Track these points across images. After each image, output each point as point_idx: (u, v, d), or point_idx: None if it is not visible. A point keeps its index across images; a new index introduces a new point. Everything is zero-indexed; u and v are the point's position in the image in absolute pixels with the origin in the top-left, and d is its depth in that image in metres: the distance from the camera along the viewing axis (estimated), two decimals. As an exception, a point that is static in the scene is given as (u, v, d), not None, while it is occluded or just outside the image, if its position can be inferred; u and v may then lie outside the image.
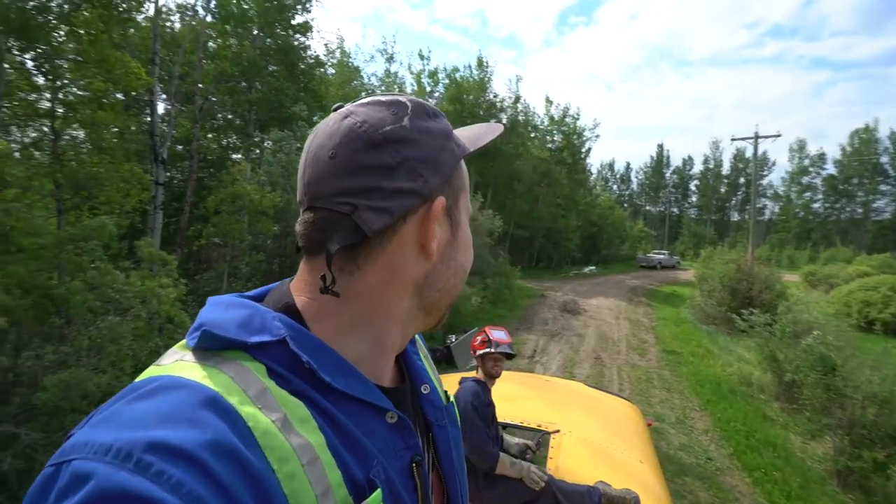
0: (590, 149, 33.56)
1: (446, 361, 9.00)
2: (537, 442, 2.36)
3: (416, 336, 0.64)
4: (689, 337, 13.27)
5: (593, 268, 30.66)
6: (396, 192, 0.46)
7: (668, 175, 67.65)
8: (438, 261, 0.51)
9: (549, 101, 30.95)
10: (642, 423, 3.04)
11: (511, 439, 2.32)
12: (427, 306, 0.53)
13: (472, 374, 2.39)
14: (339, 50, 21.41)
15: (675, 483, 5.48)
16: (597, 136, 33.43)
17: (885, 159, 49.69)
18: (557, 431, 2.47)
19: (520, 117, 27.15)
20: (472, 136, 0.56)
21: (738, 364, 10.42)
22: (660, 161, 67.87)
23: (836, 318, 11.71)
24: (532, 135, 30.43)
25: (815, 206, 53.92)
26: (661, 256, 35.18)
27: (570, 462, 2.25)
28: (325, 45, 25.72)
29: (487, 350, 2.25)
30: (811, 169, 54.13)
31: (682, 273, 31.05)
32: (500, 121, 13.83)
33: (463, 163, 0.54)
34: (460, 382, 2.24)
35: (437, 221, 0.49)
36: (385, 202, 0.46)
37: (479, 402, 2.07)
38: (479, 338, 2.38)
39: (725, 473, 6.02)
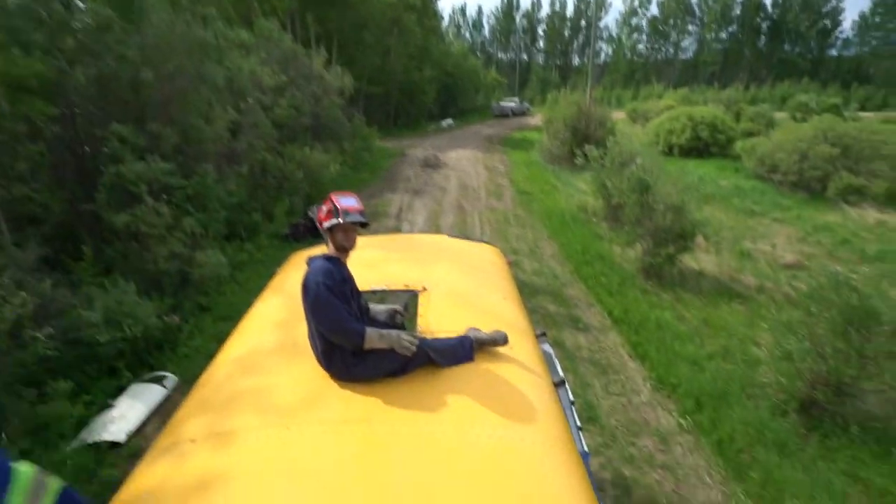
0: (439, -12, 30.67)
1: (310, 234, 8.64)
2: (405, 304, 2.33)
3: None
4: (538, 177, 14.63)
5: (451, 121, 30.74)
6: None
7: (518, 20, 67.10)
8: None
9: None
10: (503, 263, 3.26)
11: (378, 307, 2.23)
12: None
13: (322, 249, 2.14)
14: None
15: (531, 302, 6.43)
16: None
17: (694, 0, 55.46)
18: (424, 290, 2.48)
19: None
20: None
21: (578, 196, 11.97)
22: (510, 4, 66.34)
23: (649, 146, 13.88)
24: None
25: (640, 47, 59.79)
26: (513, 104, 36.60)
27: (440, 316, 2.30)
28: None
29: (335, 221, 1.96)
30: (639, 10, 58.42)
31: (532, 119, 33.02)
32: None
33: None
34: (309, 263, 1.98)
35: None
36: None
37: (332, 282, 1.87)
38: (324, 208, 2.03)
39: (568, 286, 7.24)
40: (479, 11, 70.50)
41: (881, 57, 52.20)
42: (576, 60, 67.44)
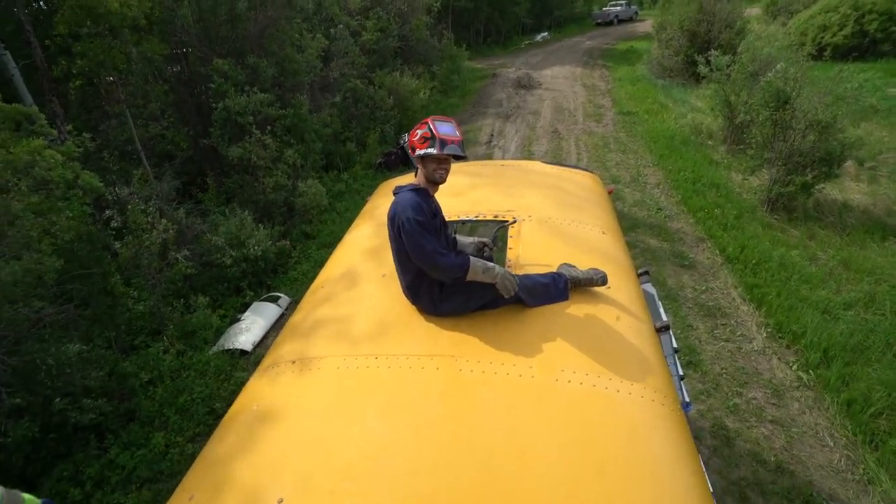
0: None
1: (403, 162, 8.71)
2: (493, 237, 2.21)
3: None
4: (644, 95, 12.99)
5: (546, 34, 27.94)
6: None
7: None
8: None
9: None
10: (603, 192, 2.97)
11: (465, 240, 2.13)
12: None
13: (410, 178, 2.04)
14: None
15: (629, 236, 5.97)
16: None
17: None
18: (515, 221, 2.34)
19: None
20: None
21: (691, 114, 10.47)
22: None
23: (790, 49, 11.38)
24: None
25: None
26: (618, 8, 31.96)
27: (531, 249, 2.17)
28: None
29: (430, 151, 1.77)
30: None
31: (640, 25, 28.81)
32: None
33: None
34: (395, 193, 1.88)
35: None
36: None
37: (423, 216, 1.75)
38: (419, 132, 1.82)
39: (673, 220, 6.57)
40: None
41: None
42: (702, -54, 55.99)
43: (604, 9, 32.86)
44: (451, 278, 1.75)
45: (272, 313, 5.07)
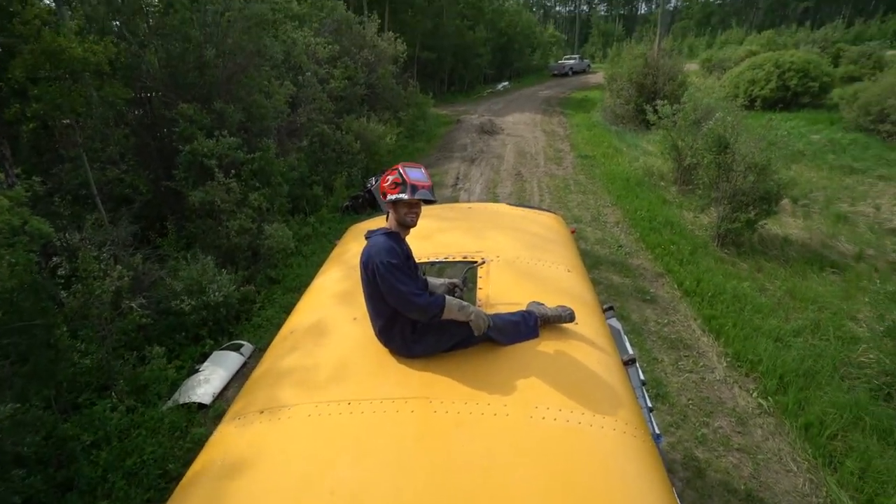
0: (491, -60, 29.09)
1: (370, 206, 8.78)
2: (463, 278, 2.25)
3: None
4: (600, 140, 13.81)
5: (507, 84, 29.59)
6: None
7: (576, -34, 62.25)
8: None
9: None
10: (566, 232, 3.09)
11: (435, 281, 2.16)
12: None
13: (380, 222, 2.08)
14: None
15: (593, 273, 6.17)
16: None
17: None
18: (484, 261, 2.40)
19: None
20: None
21: (643, 158, 11.17)
22: (568, -50, 61.51)
23: (726, 100, 12.53)
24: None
25: (717, -15, 53.63)
26: (573, 61, 34.45)
27: (500, 289, 2.22)
28: None
29: (402, 196, 1.82)
30: (715, -58, 52.05)
31: (593, 77, 31.01)
32: None
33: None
34: (367, 237, 1.91)
35: None
36: None
37: (398, 259, 1.79)
38: (389, 178, 1.87)
39: (633, 256, 6.86)
40: (536, -38, 66.15)
41: None
42: (642, 9, 61.93)
43: (559, 61, 35.32)
44: (428, 318, 1.77)
45: (234, 363, 4.85)
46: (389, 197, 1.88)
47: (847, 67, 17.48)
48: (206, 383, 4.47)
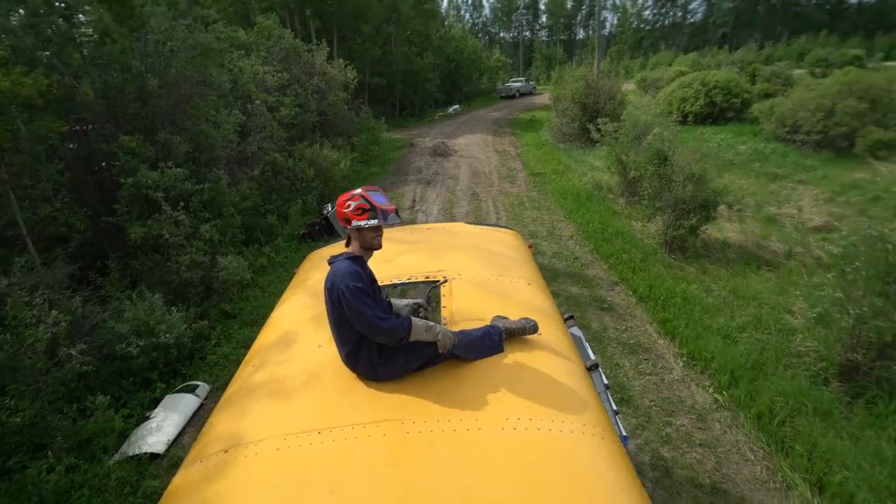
0: (434, -30, 30.24)
1: (327, 232, 8.66)
2: (427, 297, 2.27)
3: None
4: (550, 157, 14.37)
5: (457, 107, 30.36)
6: None
7: (519, -6, 65.71)
8: None
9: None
10: (524, 247, 3.18)
11: (399, 302, 2.17)
12: None
13: (340, 247, 2.07)
14: None
15: (552, 286, 6.33)
16: (439, -47, 29.86)
17: (698, -43, 53.63)
18: (446, 280, 2.43)
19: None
20: None
21: (591, 173, 11.72)
22: (509, -21, 64.92)
23: (662, 116, 13.47)
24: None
25: (646, 13, 58.11)
26: (519, 84, 35.87)
27: (464, 306, 2.25)
28: None
29: (371, 221, 1.82)
30: (644, -27, 56.83)
31: (539, 98, 32.39)
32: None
33: None
34: (331, 263, 1.89)
35: None
36: None
37: (362, 283, 1.78)
38: (352, 203, 1.85)
39: (589, 267, 7.11)
40: (478, -9, 69.03)
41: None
42: (580, 34, 65.77)
43: (506, 84, 36.70)
44: (396, 341, 1.76)
45: (189, 406, 4.57)
46: (357, 223, 1.87)
47: (763, 85, 19.24)
48: (158, 431, 4.17)
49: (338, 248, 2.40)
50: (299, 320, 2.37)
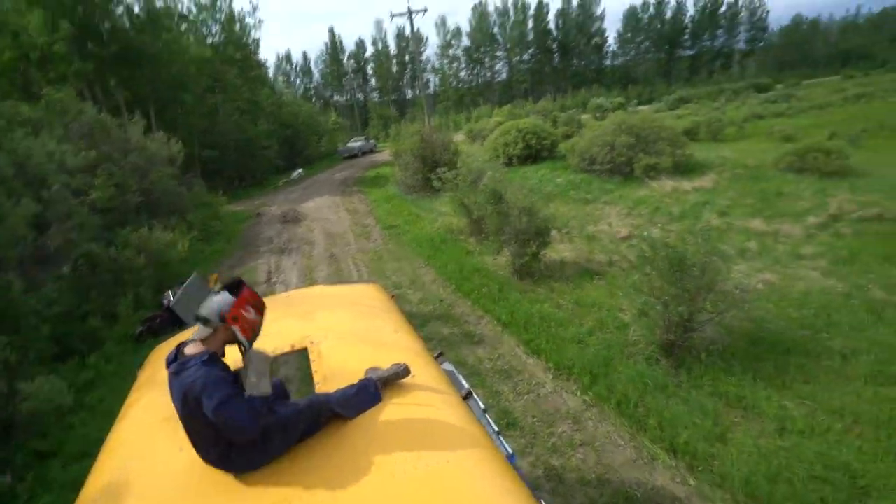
0: (257, 40, 30.26)
1: (172, 323, 7.58)
2: (292, 368, 2.20)
3: None
4: (400, 210, 15.00)
5: (301, 171, 29.89)
6: None
7: (345, 61, 68.98)
8: None
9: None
10: (386, 297, 3.27)
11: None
12: None
13: (182, 339, 1.89)
14: None
15: (424, 330, 6.51)
16: (260, 22, 30.14)
17: (496, 30, 64.27)
18: (312, 344, 2.38)
19: (156, 2, 21.41)
20: None
21: (441, 219, 12.56)
22: (335, 47, 68.05)
23: (491, 160, 15.31)
24: (182, 27, 24.92)
25: (462, 74, 66.36)
26: (359, 143, 37.04)
27: (335, 365, 2.22)
28: None
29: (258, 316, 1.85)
30: (453, 42, 65.11)
31: (380, 155, 33.85)
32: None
33: None
34: (178, 372, 1.63)
35: None
36: None
37: (231, 390, 1.61)
38: (249, 306, 1.82)
39: (454, 306, 7.50)
40: (306, 57, 70.73)
41: (639, 63, 66.48)
42: (409, 93, 71.49)
43: (347, 144, 37.56)
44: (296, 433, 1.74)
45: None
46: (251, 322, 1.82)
47: (562, 128, 23.28)
48: None
49: (180, 339, 2.14)
50: (152, 424, 2.05)
